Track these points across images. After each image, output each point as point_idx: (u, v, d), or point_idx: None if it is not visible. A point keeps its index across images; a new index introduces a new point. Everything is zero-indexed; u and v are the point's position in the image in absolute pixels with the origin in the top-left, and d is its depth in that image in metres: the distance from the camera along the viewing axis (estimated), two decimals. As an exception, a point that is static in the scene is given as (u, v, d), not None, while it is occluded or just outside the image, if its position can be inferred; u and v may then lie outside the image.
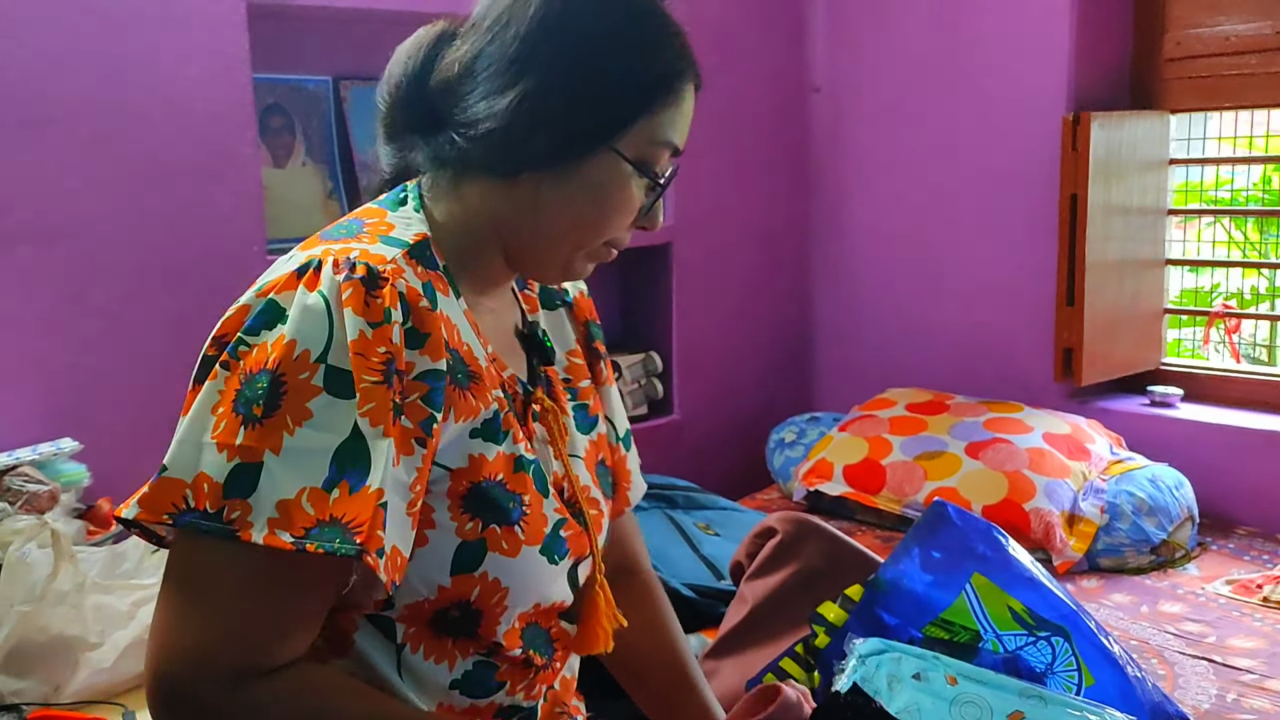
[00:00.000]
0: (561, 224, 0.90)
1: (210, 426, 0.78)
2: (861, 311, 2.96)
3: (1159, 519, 2.15)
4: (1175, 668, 1.75)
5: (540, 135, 0.86)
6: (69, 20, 1.79)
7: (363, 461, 0.78)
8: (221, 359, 0.79)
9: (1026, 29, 2.52)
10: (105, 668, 1.33)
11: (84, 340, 1.86)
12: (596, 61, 0.87)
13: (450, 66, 0.89)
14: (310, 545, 0.75)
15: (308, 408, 0.77)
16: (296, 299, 0.80)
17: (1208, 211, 2.81)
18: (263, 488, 0.76)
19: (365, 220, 0.90)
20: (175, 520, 0.76)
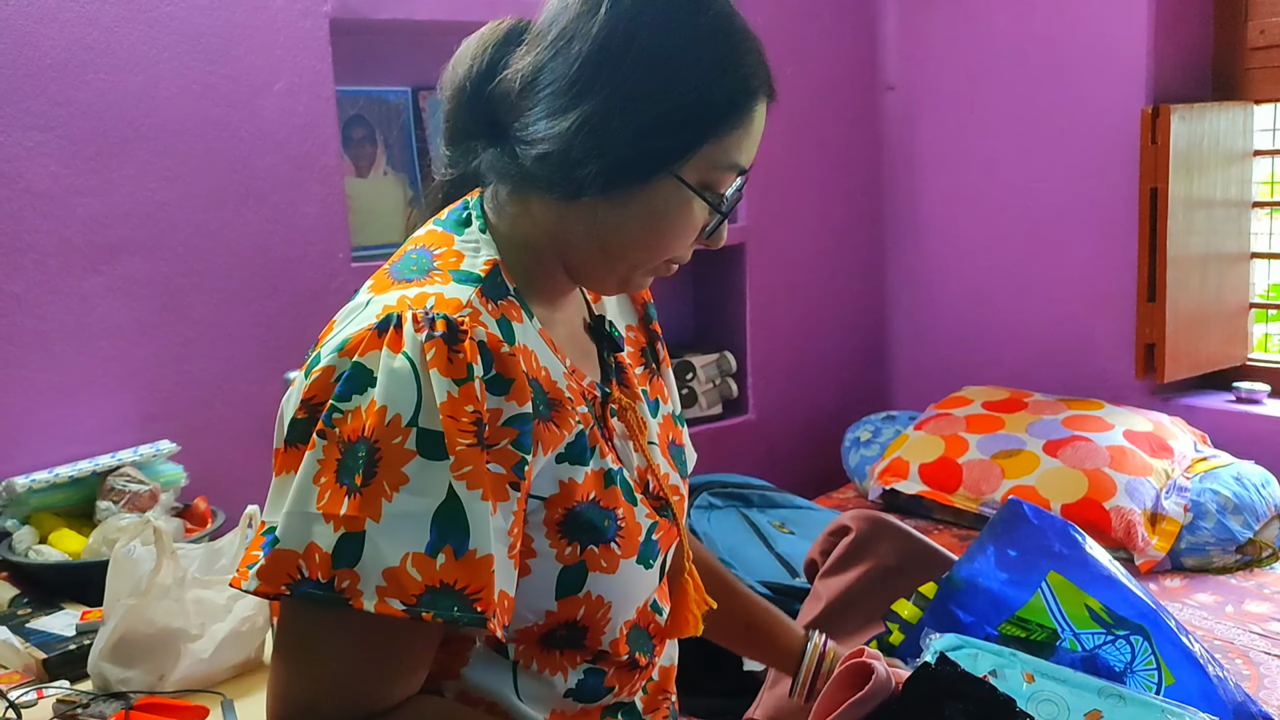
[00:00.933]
0: (619, 245, 0.89)
1: (315, 497, 0.78)
2: (937, 309, 2.94)
3: (1244, 517, 2.11)
4: (1260, 668, 1.72)
5: (599, 161, 0.83)
6: (167, 44, 1.88)
7: (461, 524, 0.78)
8: (318, 428, 0.79)
9: (1104, 21, 2.49)
10: (205, 658, 1.39)
11: (180, 346, 1.95)
12: (660, 86, 0.83)
13: (513, 77, 0.87)
14: (426, 614, 0.77)
15: (403, 473, 0.77)
16: (383, 362, 0.79)
17: (1295, 202, 2.73)
18: (367, 557, 0.76)
19: (433, 251, 0.89)
20: (292, 590, 0.78)
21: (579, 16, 0.85)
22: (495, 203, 0.93)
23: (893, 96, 2.94)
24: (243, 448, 1.99)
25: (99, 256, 1.86)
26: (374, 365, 0.79)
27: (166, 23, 1.87)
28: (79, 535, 1.70)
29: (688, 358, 2.67)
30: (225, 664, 1.41)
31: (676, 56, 0.84)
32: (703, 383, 2.70)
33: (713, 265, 2.80)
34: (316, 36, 2.02)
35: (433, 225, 0.94)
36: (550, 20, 0.87)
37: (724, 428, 2.72)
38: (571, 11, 0.86)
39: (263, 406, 2.00)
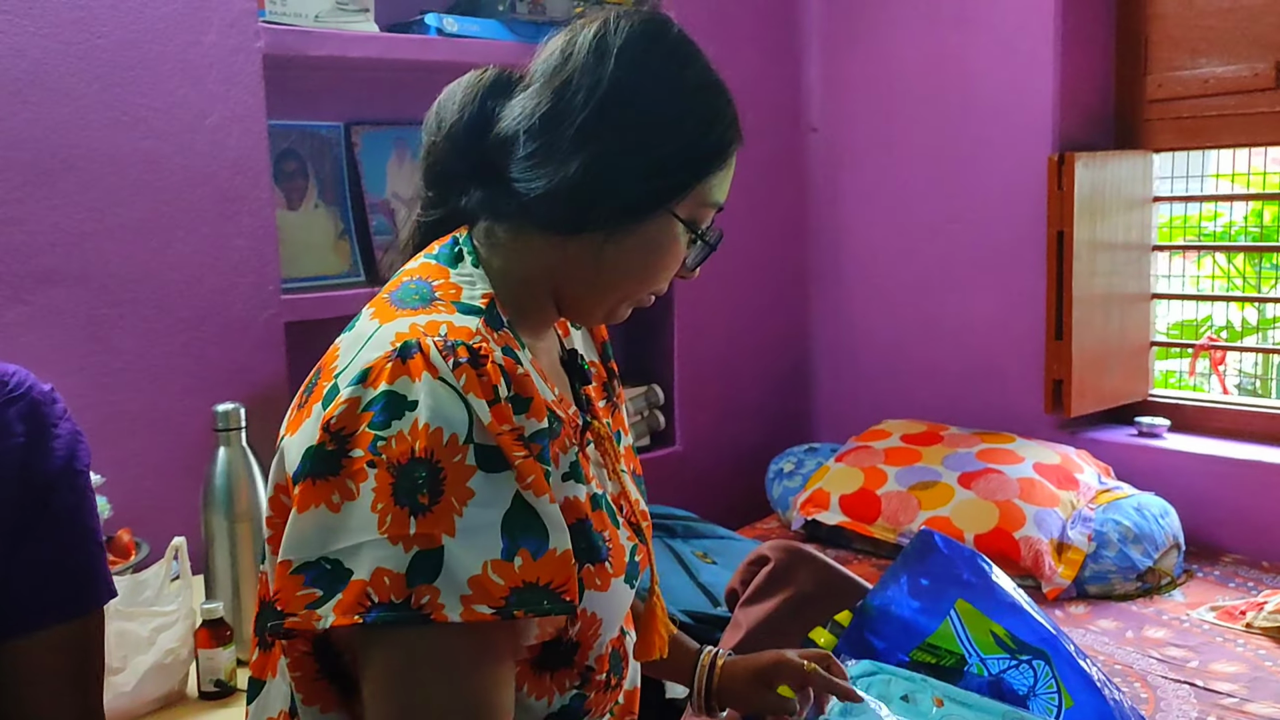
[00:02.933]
0: (616, 277, 0.96)
1: (376, 524, 0.79)
2: (858, 345, 3.03)
3: (1145, 546, 2.21)
4: (1157, 691, 1.80)
5: (605, 201, 0.92)
6: (96, 75, 1.88)
7: (537, 528, 0.82)
8: (365, 459, 0.80)
9: (1013, 73, 2.61)
10: (126, 691, 1.39)
11: (106, 377, 1.94)
12: (659, 134, 0.93)
13: (512, 123, 0.94)
14: (518, 611, 0.80)
15: (469, 488, 0.81)
16: (424, 387, 0.81)
17: (1191, 247, 2.88)
18: (447, 570, 0.79)
19: (431, 282, 0.93)
20: (365, 617, 0.78)
21: (584, 69, 0.93)
22: (489, 239, 0.97)
23: (816, 138, 3.04)
24: (169, 480, 1.98)
25: (23, 286, 1.85)
26: (406, 390, 0.82)
27: (97, 55, 1.88)
28: (-2, 568, 1.68)
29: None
30: (148, 697, 1.41)
31: (672, 108, 0.94)
32: (631, 415, 2.75)
33: (641, 300, 2.84)
34: (249, 71, 2.04)
35: (424, 259, 0.97)
36: (550, 70, 0.95)
37: (651, 459, 2.76)
38: (575, 64, 0.93)
39: (190, 438, 2.00)
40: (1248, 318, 3.69)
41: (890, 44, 2.85)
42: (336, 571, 0.80)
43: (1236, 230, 3.57)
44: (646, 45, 0.94)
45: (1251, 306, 3.58)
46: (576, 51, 0.94)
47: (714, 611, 1.81)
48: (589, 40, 0.94)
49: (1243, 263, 3.54)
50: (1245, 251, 3.21)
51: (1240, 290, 3.49)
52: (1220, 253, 3.31)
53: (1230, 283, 3.56)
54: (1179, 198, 2.73)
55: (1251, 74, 2.41)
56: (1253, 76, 2.41)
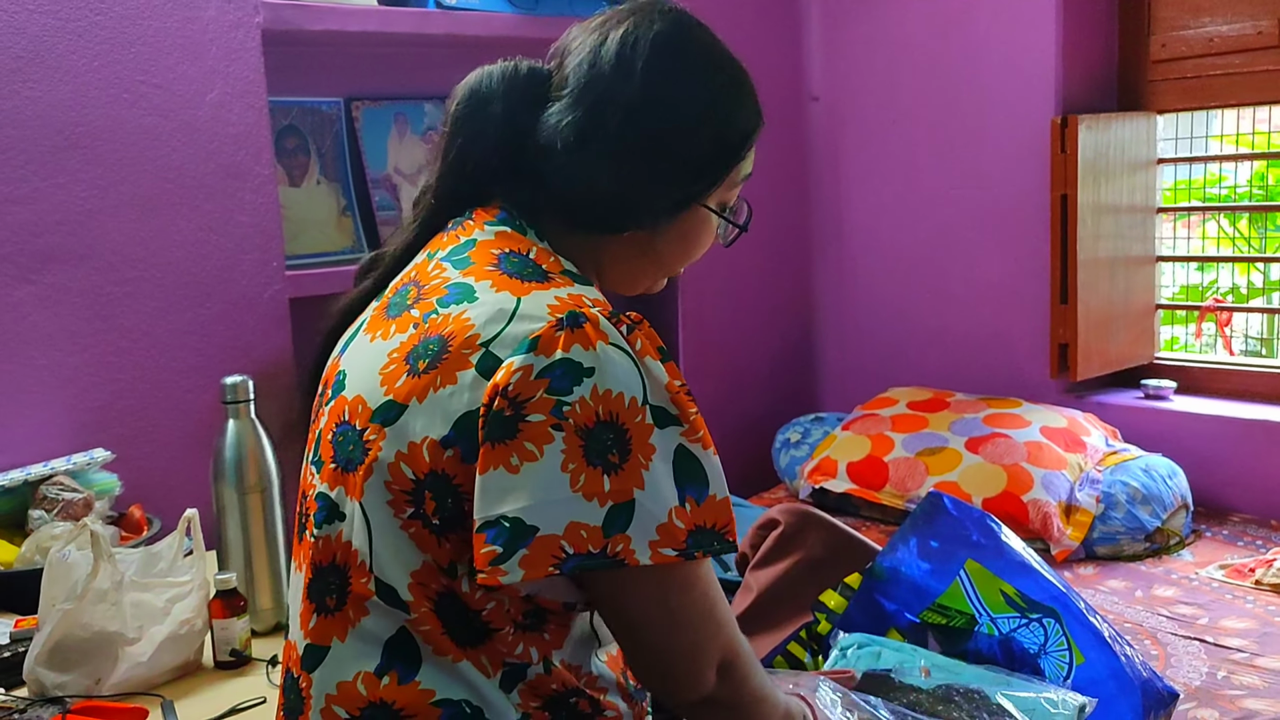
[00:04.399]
0: (655, 263, 1.04)
1: (568, 483, 0.85)
2: (863, 314, 3.02)
3: (1153, 507, 2.21)
4: (1168, 648, 1.81)
5: (643, 205, 0.98)
6: (97, 53, 1.88)
7: (700, 477, 0.89)
8: (549, 422, 0.85)
9: (1015, 36, 2.60)
10: (143, 661, 1.39)
11: (113, 355, 1.94)
12: (692, 137, 0.99)
13: (550, 133, 0.98)
14: (697, 553, 0.88)
15: (650, 444, 0.87)
16: (600, 355, 0.87)
17: (1196, 208, 2.87)
18: (637, 520, 0.86)
19: (526, 254, 0.97)
20: (560, 567, 0.85)
21: (610, 79, 0.98)
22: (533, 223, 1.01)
23: (818, 107, 3.02)
24: (178, 455, 1.99)
25: (29, 265, 1.85)
26: (582, 358, 0.87)
27: (95, 32, 1.88)
28: (11, 545, 1.69)
29: (621, 363, 2.71)
30: (164, 666, 1.42)
31: (703, 108, 1.00)
32: (636, 387, 2.75)
33: (645, 272, 2.85)
34: (249, 47, 2.03)
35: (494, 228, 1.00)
36: (581, 81, 0.99)
37: (658, 431, 2.77)
38: (602, 73, 0.98)
39: (197, 413, 2.00)
40: (1254, 281, 3.68)
41: (891, 10, 2.83)
42: (517, 528, 0.85)
43: (1241, 193, 3.56)
44: (674, 50, 0.99)
45: (1256, 270, 3.57)
46: (605, 61, 0.98)
47: (725, 576, 1.81)
48: (616, 48, 0.98)
49: (1247, 227, 3.53)
50: (1249, 212, 3.20)
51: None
52: (1224, 217, 3.30)
53: (1235, 247, 3.56)
54: (1183, 159, 2.72)
55: (1255, 32, 2.40)
56: (1256, 35, 2.40)
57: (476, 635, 0.93)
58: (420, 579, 0.91)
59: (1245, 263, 3.42)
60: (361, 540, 0.94)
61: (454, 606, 0.92)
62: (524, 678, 0.94)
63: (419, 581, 0.91)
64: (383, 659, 0.93)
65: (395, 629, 0.93)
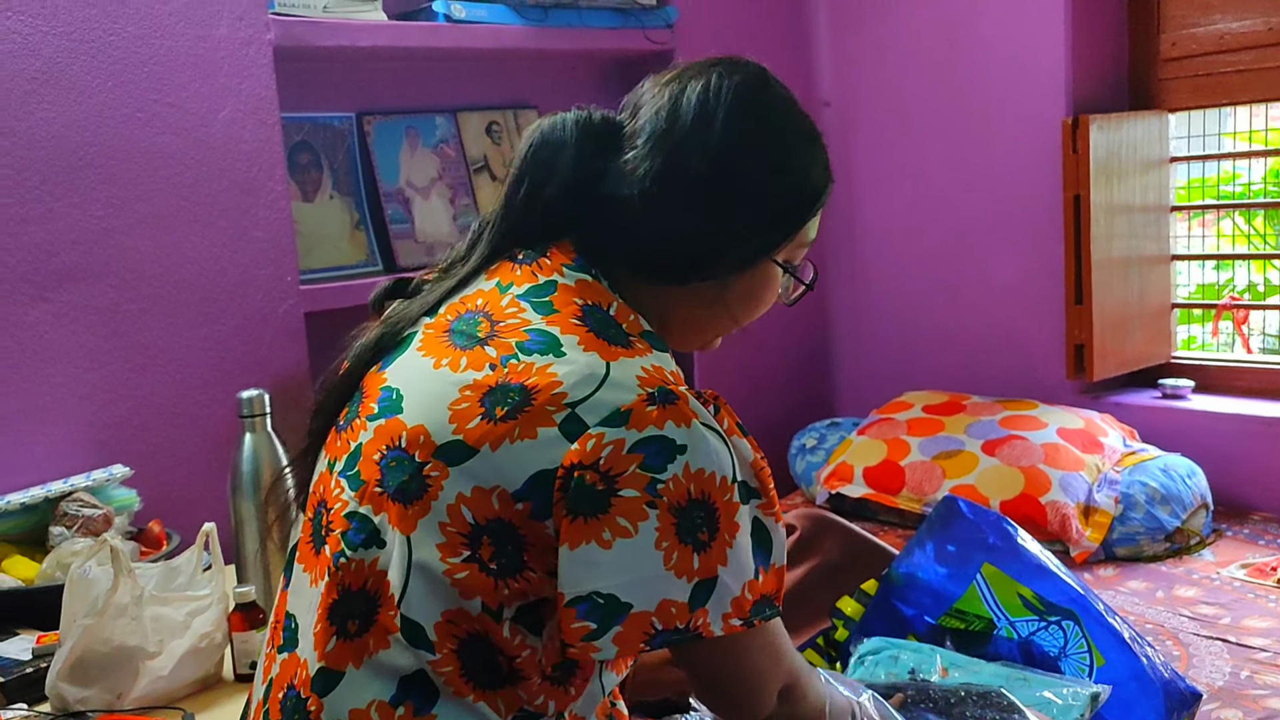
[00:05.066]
0: (719, 317, 1.03)
1: (662, 561, 0.86)
2: (877, 318, 3.02)
3: (1172, 507, 2.20)
4: (1190, 649, 1.80)
5: (715, 257, 0.98)
6: (110, 73, 1.90)
7: (766, 547, 0.92)
8: (644, 500, 0.85)
9: (1024, 38, 2.59)
10: (164, 675, 1.40)
11: (130, 371, 1.96)
12: (765, 193, 0.98)
13: (629, 181, 0.97)
14: (757, 620, 0.90)
15: (736, 522, 0.88)
16: (694, 433, 0.87)
17: (1210, 206, 2.86)
18: (717, 594, 0.88)
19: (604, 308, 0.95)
20: (650, 644, 0.87)
21: (693, 132, 0.97)
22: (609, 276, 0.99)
23: (828, 112, 3.02)
24: (196, 470, 2.00)
25: (46, 284, 1.87)
26: (675, 435, 0.87)
27: (109, 53, 1.90)
28: (32, 562, 1.71)
29: (636, 371, 2.72)
30: (184, 680, 1.42)
31: (777, 165, 0.99)
32: (651, 396, 2.75)
33: (658, 280, 2.85)
34: (260, 64, 2.05)
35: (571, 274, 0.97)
36: (658, 131, 0.98)
37: (673, 439, 2.77)
38: (684, 125, 0.97)
39: (215, 429, 2.02)
40: (1271, 279, 3.66)
41: (899, 14, 2.83)
42: (611, 605, 0.86)
43: (1256, 191, 3.54)
44: (755, 100, 0.99)
45: (1273, 267, 3.54)
46: (685, 113, 0.98)
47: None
48: (699, 96, 0.98)
49: (1263, 225, 3.51)
50: (1264, 208, 3.18)
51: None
52: (1239, 215, 3.28)
53: (1250, 245, 3.53)
54: (1196, 157, 2.70)
55: (1266, 28, 2.39)
56: (1267, 30, 2.39)
57: (498, 679, 0.92)
58: (451, 619, 0.89)
59: (1261, 260, 3.40)
60: (398, 574, 0.91)
61: (481, 649, 0.90)
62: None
63: (449, 621, 0.89)
64: (398, 690, 0.91)
65: (414, 669, 0.91)
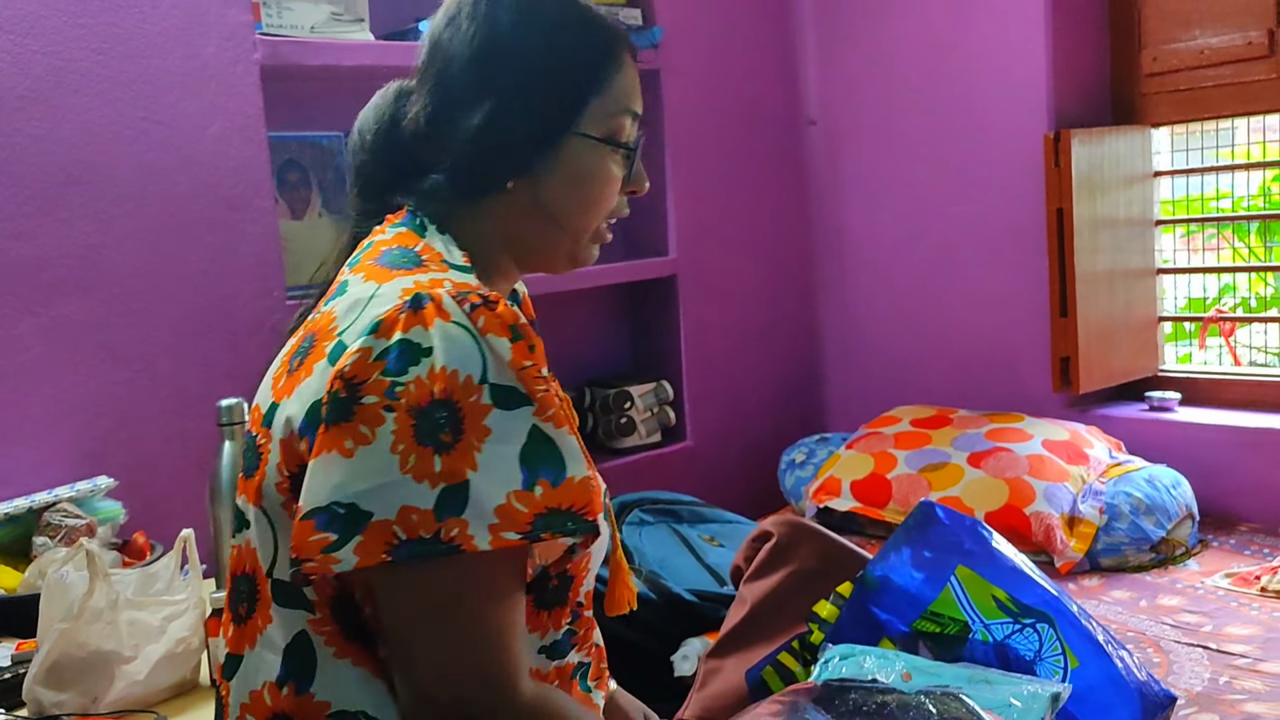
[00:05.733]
0: (561, 215, 1.01)
1: (398, 464, 0.83)
2: (866, 334, 3.03)
3: (1157, 517, 2.20)
4: (1170, 655, 1.79)
5: (515, 145, 0.97)
6: (99, 91, 1.94)
7: (554, 459, 0.87)
8: (382, 404, 0.83)
9: (1007, 54, 2.62)
10: (139, 679, 1.41)
11: (116, 385, 1.98)
12: (535, 63, 0.98)
13: (416, 118, 1.01)
14: (545, 534, 0.85)
15: (485, 425, 0.85)
16: (438, 332, 0.85)
17: (1194, 220, 2.87)
18: (473, 502, 0.83)
19: (412, 248, 0.97)
20: (394, 554, 0.82)
21: (449, 44, 1.00)
22: (436, 220, 1.01)
23: (815, 131, 3.05)
24: (181, 483, 2.01)
25: (34, 299, 1.90)
26: (421, 338, 0.85)
27: (98, 71, 1.93)
28: (15, 571, 1.72)
29: (626, 387, 2.73)
30: (160, 685, 1.44)
31: (539, 39, 0.99)
32: (641, 411, 2.76)
33: (647, 296, 2.87)
34: (248, 83, 2.09)
35: (394, 230, 1.00)
36: (427, 58, 1.02)
37: (663, 455, 2.78)
38: (441, 42, 1.01)
39: (200, 442, 2.03)
40: (1264, 295, 3.67)
41: (884, 33, 2.86)
42: (352, 515, 0.83)
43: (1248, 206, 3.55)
44: (488, 6, 1.00)
45: (1265, 282, 3.55)
46: (439, 33, 1.01)
47: (720, 590, 1.82)
48: (444, 19, 1.01)
49: (1255, 239, 3.52)
50: (1249, 221, 3.19)
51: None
52: (1231, 230, 3.29)
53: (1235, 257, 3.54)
54: (1179, 171, 2.72)
55: (1245, 43, 2.41)
56: (1246, 45, 2.41)
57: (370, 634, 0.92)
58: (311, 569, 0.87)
59: (1246, 272, 3.40)
60: (265, 544, 0.94)
61: (348, 605, 0.91)
62: None
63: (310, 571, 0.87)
64: (281, 669, 0.93)
65: (295, 633, 0.92)
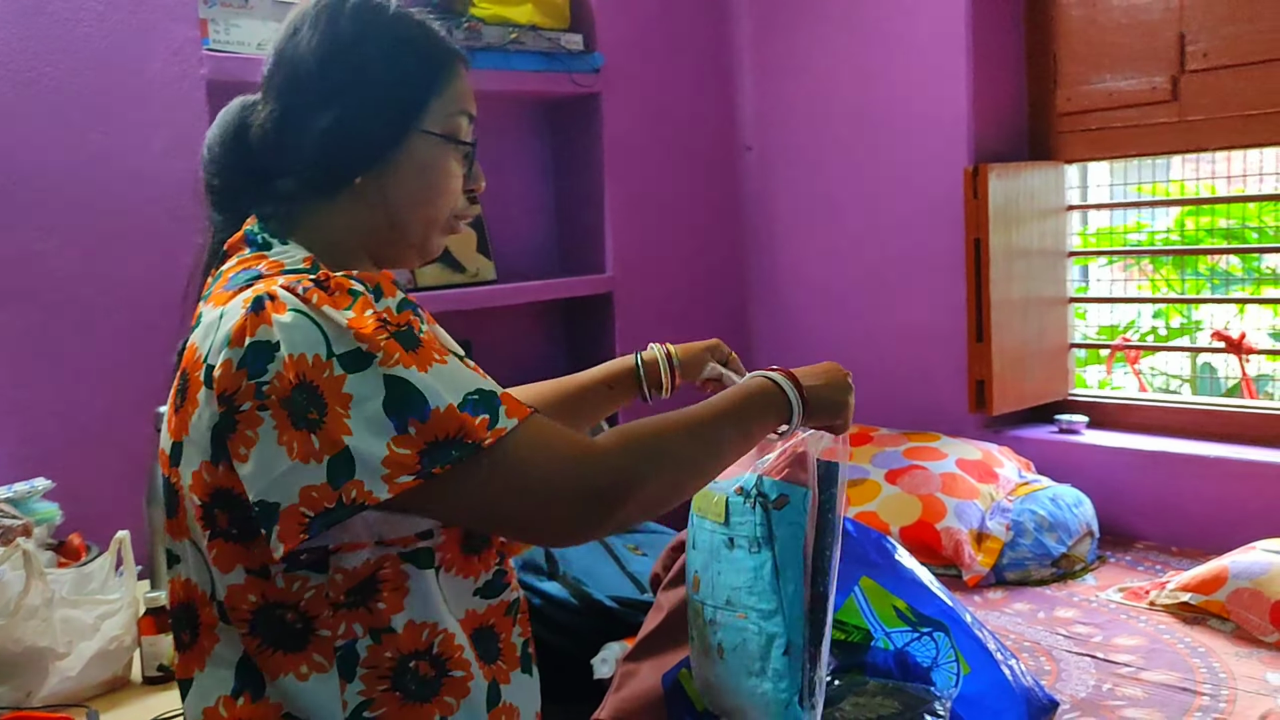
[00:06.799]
0: (407, 208, 1.07)
1: (285, 454, 0.90)
2: (796, 352, 3.13)
3: (1059, 534, 2.32)
4: (1060, 664, 1.91)
5: (359, 144, 1.04)
6: (43, 101, 1.98)
7: (414, 399, 0.91)
8: (255, 406, 0.90)
9: (931, 90, 2.75)
10: (72, 675, 1.46)
11: (56, 389, 2.02)
12: (377, 71, 1.05)
13: (263, 126, 1.06)
14: (436, 468, 0.91)
15: (345, 392, 0.90)
16: (278, 326, 0.91)
17: (1104, 252, 3.02)
18: (360, 462, 0.90)
19: (254, 268, 1.01)
20: (309, 531, 0.90)
21: (292, 54, 1.06)
22: (285, 225, 1.07)
23: (751, 156, 3.16)
24: (120, 486, 2.05)
25: (-24, 304, 1.93)
26: (267, 336, 0.92)
27: (42, 83, 1.98)
28: (-49, 570, 1.75)
29: (560, 401, 2.81)
30: (92, 681, 1.48)
31: (381, 45, 1.06)
32: (575, 424, 2.84)
33: (583, 312, 2.96)
34: (194, 97, 2.14)
35: (235, 259, 1.06)
36: (272, 69, 1.08)
37: (596, 467, 2.86)
38: (285, 53, 1.06)
39: (140, 446, 2.07)
40: (1174, 325, 3.85)
41: (817, 65, 2.98)
42: (265, 510, 0.91)
43: (1164, 240, 3.73)
44: (330, 15, 1.06)
45: (1179, 314, 3.73)
46: (281, 47, 1.07)
47: (640, 597, 1.90)
48: (286, 33, 1.07)
49: (1171, 271, 3.69)
50: (1157, 256, 3.35)
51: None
52: (1150, 262, 3.46)
53: (1158, 291, 3.71)
54: (1089, 205, 2.87)
55: (1150, 88, 2.56)
56: (1151, 90, 2.56)
57: (299, 636, 0.98)
58: (233, 597, 0.96)
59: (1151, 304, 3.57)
60: (201, 573, 1.00)
61: (271, 614, 0.97)
62: (359, 657, 0.98)
63: (232, 604, 0.97)
64: (236, 681, 1.00)
65: (242, 650, 0.99)
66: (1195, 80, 2.49)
